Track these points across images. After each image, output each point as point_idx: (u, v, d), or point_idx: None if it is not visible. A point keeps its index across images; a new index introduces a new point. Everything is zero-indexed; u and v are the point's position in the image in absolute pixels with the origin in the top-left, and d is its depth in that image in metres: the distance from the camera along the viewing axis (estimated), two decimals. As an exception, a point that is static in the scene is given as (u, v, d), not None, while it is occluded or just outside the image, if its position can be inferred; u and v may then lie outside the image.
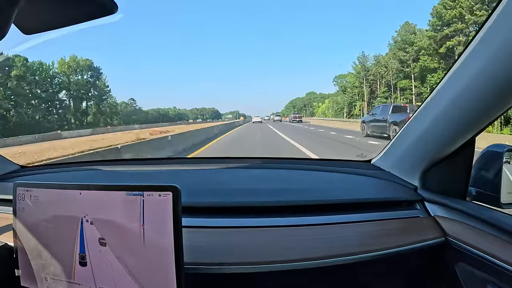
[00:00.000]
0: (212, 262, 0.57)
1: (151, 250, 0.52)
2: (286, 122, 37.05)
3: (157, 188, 0.52)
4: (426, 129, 0.68)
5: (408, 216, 0.72)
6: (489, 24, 0.51)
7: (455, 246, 0.61)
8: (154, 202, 0.52)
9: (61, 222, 0.58)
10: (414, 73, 31.39)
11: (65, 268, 0.57)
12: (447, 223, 0.66)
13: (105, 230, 0.55)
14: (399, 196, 0.75)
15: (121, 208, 0.53)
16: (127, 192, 0.53)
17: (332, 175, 0.91)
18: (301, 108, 76.16)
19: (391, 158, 0.85)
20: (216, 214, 0.71)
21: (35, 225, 0.60)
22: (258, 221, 0.68)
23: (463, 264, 0.61)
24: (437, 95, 0.65)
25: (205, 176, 0.97)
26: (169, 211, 0.51)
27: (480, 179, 0.69)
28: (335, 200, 0.74)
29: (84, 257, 0.56)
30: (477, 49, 0.54)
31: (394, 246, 0.61)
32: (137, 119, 53.43)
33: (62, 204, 0.58)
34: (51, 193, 0.59)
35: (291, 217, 0.69)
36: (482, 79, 0.53)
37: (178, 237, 0.51)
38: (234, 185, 0.87)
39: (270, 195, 0.77)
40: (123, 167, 1.08)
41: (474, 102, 0.56)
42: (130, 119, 52.16)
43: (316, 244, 0.62)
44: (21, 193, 0.62)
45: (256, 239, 0.63)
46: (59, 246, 0.58)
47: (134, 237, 0.53)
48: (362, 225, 0.69)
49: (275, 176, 0.94)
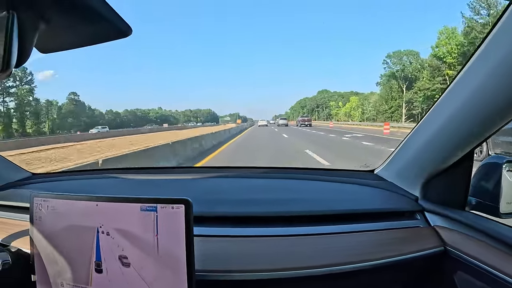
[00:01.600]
0: (222, 270, 0.60)
1: (164, 259, 0.55)
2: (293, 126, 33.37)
3: (170, 201, 0.55)
4: (427, 141, 0.70)
5: (408, 226, 0.74)
6: (489, 40, 0.52)
7: (454, 256, 0.63)
8: (167, 214, 0.55)
9: (78, 232, 0.60)
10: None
11: (82, 274, 0.60)
12: (446, 233, 0.68)
13: (121, 239, 0.57)
14: (400, 207, 0.77)
15: (136, 220, 0.56)
16: (142, 205, 0.56)
17: (336, 185, 0.93)
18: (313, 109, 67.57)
19: (393, 168, 0.87)
20: (226, 223, 0.74)
21: (52, 233, 0.63)
22: (265, 231, 0.71)
23: (462, 274, 0.62)
24: (438, 108, 0.67)
25: (214, 186, 1.00)
26: (181, 223, 0.54)
27: (480, 189, 0.71)
28: (338, 210, 0.77)
29: (100, 264, 0.59)
30: (476, 65, 0.56)
31: (394, 255, 0.63)
32: (90, 122, 42.22)
33: (78, 215, 0.60)
34: (68, 204, 0.62)
35: (296, 227, 0.72)
36: (480, 95, 0.55)
37: (190, 247, 0.54)
38: (242, 195, 0.89)
39: (276, 205, 0.80)
40: (135, 175, 1.11)
41: (473, 116, 0.58)
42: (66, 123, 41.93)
43: (319, 253, 0.64)
44: (38, 203, 0.65)
45: (264, 248, 0.66)
46: (75, 254, 0.61)
47: (148, 246, 0.56)
48: (363, 234, 0.71)
49: (280, 186, 0.97)
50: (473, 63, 0.56)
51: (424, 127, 0.71)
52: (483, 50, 0.54)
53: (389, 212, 0.77)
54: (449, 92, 0.63)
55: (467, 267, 0.60)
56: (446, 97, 0.64)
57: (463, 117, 0.60)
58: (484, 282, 0.58)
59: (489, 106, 0.55)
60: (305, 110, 70.95)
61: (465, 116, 0.60)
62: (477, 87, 0.56)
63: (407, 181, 0.81)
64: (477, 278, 0.59)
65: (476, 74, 0.56)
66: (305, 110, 70.28)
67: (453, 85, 0.62)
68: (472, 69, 0.57)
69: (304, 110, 71.60)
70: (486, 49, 0.53)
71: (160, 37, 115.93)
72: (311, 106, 71.05)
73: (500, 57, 0.50)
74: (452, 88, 0.62)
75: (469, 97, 0.58)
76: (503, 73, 0.50)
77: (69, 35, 0.50)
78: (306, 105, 73.51)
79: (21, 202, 0.87)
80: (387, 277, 0.68)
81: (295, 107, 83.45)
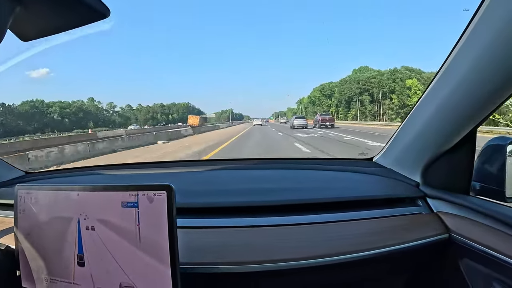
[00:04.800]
0: (207, 262, 0.57)
1: (147, 249, 0.52)
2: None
3: (152, 187, 0.52)
4: (424, 124, 0.67)
5: (410, 213, 0.70)
6: (481, 14, 0.49)
7: (459, 242, 0.60)
8: (149, 201, 0.52)
9: (60, 223, 0.58)
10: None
11: (64, 268, 0.58)
12: (450, 219, 0.64)
13: (102, 230, 0.55)
14: (400, 193, 0.74)
15: (117, 208, 0.54)
16: (122, 192, 0.54)
17: (334, 173, 0.90)
18: (349, 100, 42.41)
19: (392, 155, 0.83)
20: (212, 214, 0.71)
21: (35, 226, 0.61)
22: (255, 221, 0.68)
23: (468, 260, 0.59)
24: (432, 89, 0.63)
25: (201, 178, 0.97)
26: (163, 210, 0.52)
27: (484, 173, 0.67)
28: (336, 198, 0.73)
29: (82, 257, 0.56)
30: (470, 41, 0.53)
31: (397, 243, 0.60)
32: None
33: (60, 206, 0.58)
34: (49, 195, 0.60)
35: (291, 216, 0.69)
36: (476, 71, 0.52)
37: (173, 236, 0.51)
38: (230, 185, 0.86)
39: (268, 195, 0.76)
40: (121, 171, 1.09)
41: (469, 96, 0.55)
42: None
43: (317, 243, 0.61)
44: (22, 196, 0.63)
45: (252, 239, 0.63)
46: (58, 247, 0.59)
47: (130, 236, 0.53)
48: (363, 222, 0.68)
49: (273, 176, 0.93)
50: (466, 41, 0.53)
51: (420, 110, 0.68)
52: (474, 27, 0.51)
53: (389, 199, 0.74)
54: (443, 73, 0.60)
55: (473, 254, 0.57)
56: (440, 78, 0.61)
57: (459, 97, 0.57)
58: (491, 268, 0.54)
59: (485, 84, 0.52)
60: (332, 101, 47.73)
61: (461, 96, 0.57)
62: (471, 65, 0.53)
63: (407, 167, 0.77)
64: (484, 265, 0.55)
65: (469, 52, 0.53)
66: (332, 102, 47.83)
67: (447, 65, 0.59)
68: (466, 47, 0.54)
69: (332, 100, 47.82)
70: (477, 26, 0.50)
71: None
72: (346, 94, 43.63)
73: (493, 31, 0.48)
74: (447, 69, 0.59)
75: (464, 76, 0.55)
76: (498, 47, 0.48)
77: (48, 20, 0.49)
78: (335, 93, 47.27)
79: (10, 199, 0.85)
80: (391, 266, 0.64)
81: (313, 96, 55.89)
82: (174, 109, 70.60)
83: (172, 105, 71.59)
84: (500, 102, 0.54)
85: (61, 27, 0.50)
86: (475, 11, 0.50)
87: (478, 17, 0.50)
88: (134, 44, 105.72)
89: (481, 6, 0.49)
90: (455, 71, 0.57)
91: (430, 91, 0.65)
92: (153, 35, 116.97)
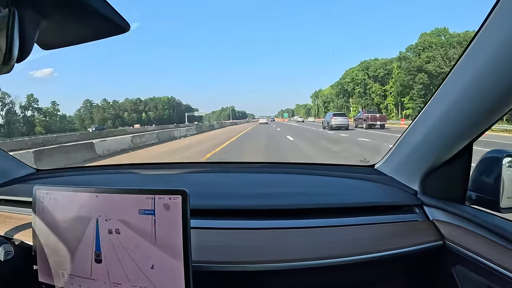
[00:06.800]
0: (218, 261, 0.61)
1: (162, 249, 0.56)
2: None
3: (168, 192, 0.56)
4: (425, 135, 0.70)
5: (407, 220, 0.74)
6: (485, 30, 0.51)
7: (453, 249, 0.63)
8: (165, 204, 0.56)
9: (78, 222, 0.62)
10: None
11: (82, 265, 0.61)
12: (445, 227, 0.67)
13: (120, 230, 0.58)
14: (399, 201, 0.77)
15: (134, 210, 0.57)
16: (140, 196, 0.57)
17: (336, 179, 0.94)
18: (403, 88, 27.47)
19: (393, 163, 0.87)
20: (224, 216, 0.75)
21: (53, 225, 0.64)
22: (263, 223, 0.72)
23: (461, 268, 0.62)
24: (435, 101, 0.66)
25: (214, 180, 1.01)
26: (178, 213, 0.55)
27: (480, 183, 0.70)
28: (337, 204, 0.77)
29: (99, 254, 0.60)
30: (471, 57, 0.55)
31: (392, 248, 0.63)
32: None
33: (79, 206, 0.62)
34: (69, 196, 0.63)
35: (295, 220, 0.73)
36: (473, 89, 0.55)
37: (187, 237, 0.55)
38: (241, 189, 0.90)
39: (275, 199, 0.80)
40: (136, 171, 1.13)
41: (469, 110, 0.58)
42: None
43: (317, 245, 0.65)
44: (41, 195, 0.66)
45: (260, 240, 0.67)
46: (76, 244, 0.62)
47: (146, 236, 0.56)
48: (362, 228, 0.71)
49: (280, 180, 0.97)
50: (468, 55, 0.55)
51: (422, 121, 0.71)
52: (479, 40, 0.53)
53: (388, 206, 0.77)
54: (444, 86, 0.63)
55: (466, 261, 0.60)
56: (442, 91, 0.64)
57: (459, 110, 0.60)
58: (483, 277, 0.57)
59: (485, 99, 0.55)
60: (390, 86, 31.30)
61: (461, 110, 0.60)
62: (468, 84, 0.56)
63: (406, 175, 0.80)
64: (476, 272, 0.58)
65: (470, 67, 0.55)
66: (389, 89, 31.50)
67: (449, 79, 0.62)
68: (467, 62, 0.56)
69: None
70: (480, 39, 0.52)
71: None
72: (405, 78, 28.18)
73: (495, 47, 0.49)
74: (448, 82, 0.62)
75: (464, 91, 0.57)
76: (497, 66, 0.50)
77: (69, 32, 0.52)
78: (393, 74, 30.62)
79: (24, 197, 0.89)
80: (386, 270, 0.68)
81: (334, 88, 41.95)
82: (151, 104, 49.10)
83: (150, 100, 49.85)
84: (496, 120, 0.57)
85: (82, 39, 0.53)
86: (478, 28, 0.52)
87: (480, 34, 0.52)
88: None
89: (484, 23, 0.50)
90: (453, 88, 0.60)
91: (430, 104, 0.68)
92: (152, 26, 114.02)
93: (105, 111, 47.07)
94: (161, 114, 48.66)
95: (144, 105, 49.00)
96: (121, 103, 48.79)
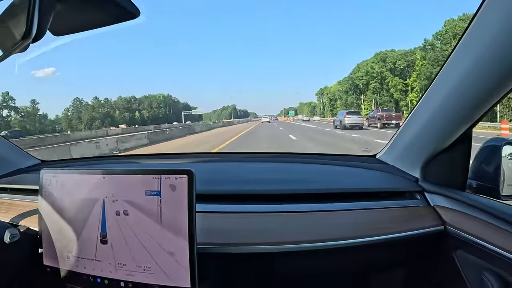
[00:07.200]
0: (223, 243, 0.62)
1: (167, 229, 0.57)
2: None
3: (174, 172, 0.57)
4: (425, 123, 0.72)
5: (408, 206, 0.75)
6: (480, 17, 0.52)
7: (454, 234, 0.64)
8: (171, 185, 0.57)
9: (85, 204, 0.63)
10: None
11: (88, 246, 0.62)
12: (446, 213, 0.68)
13: (125, 210, 0.59)
14: (400, 187, 0.79)
15: (140, 191, 0.58)
16: (147, 176, 0.58)
17: (338, 168, 0.95)
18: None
19: (394, 152, 0.88)
20: (228, 201, 0.76)
21: (60, 207, 0.65)
22: (267, 207, 0.73)
23: (461, 252, 0.63)
24: (434, 89, 0.68)
25: (220, 168, 1.03)
26: (184, 194, 0.56)
27: (480, 172, 0.71)
28: (340, 189, 0.78)
29: (105, 235, 0.61)
30: (468, 44, 0.56)
31: (393, 232, 0.65)
32: None
33: (86, 188, 0.63)
34: (76, 178, 0.65)
35: (298, 204, 0.74)
36: (472, 75, 0.56)
37: (192, 217, 0.56)
38: (246, 175, 0.92)
39: (279, 184, 0.82)
40: (141, 161, 1.14)
41: (467, 95, 0.59)
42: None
43: (320, 229, 0.66)
44: (48, 179, 0.68)
45: (265, 223, 0.68)
46: (82, 226, 0.63)
47: (152, 216, 0.57)
48: (364, 212, 0.73)
49: (284, 168, 0.99)
50: (464, 42, 0.57)
51: (421, 109, 0.73)
52: (474, 28, 0.54)
53: (389, 192, 0.79)
54: (442, 75, 0.65)
55: (467, 246, 0.61)
56: (439, 81, 0.66)
57: (458, 96, 0.62)
58: (484, 260, 0.58)
59: (479, 88, 0.56)
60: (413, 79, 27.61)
61: (460, 96, 0.61)
62: (466, 71, 0.57)
63: (408, 163, 0.82)
64: (477, 256, 0.59)
65: (464, 58, 0.57)
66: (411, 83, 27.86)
67: (447, 66, 0.63)
68: (464, 49, 0.58)
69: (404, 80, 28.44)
70: (477, 26, 0.54)
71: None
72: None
73: (491, 34, 0.51)
74: (444, 72, 0.64)
75: (460, 80, 0.59)
76: (495, 51, 0.51)
77: (81, 17, 0.54)
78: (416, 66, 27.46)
79: (30, 185, 0.90)
80: (388, 254, 0.69)
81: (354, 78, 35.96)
82: (146, 103, 46.02)
83: (144, 98, 47.12)
84: (493, 104, 0.58)
85: (93, 25, 0.55)
86: (474, 14, 0.54)
87: (475, 21, 0.53)
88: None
89: (478, 10, 0.52)
90: (452, 75, 0.61)
91: (429, 93, 0.69)
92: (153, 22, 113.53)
93: (94, 109, 44.23)
94: (156, 113, 46.49)
95: (139, 103, 46.62)
96: (114, 101, 46.47)
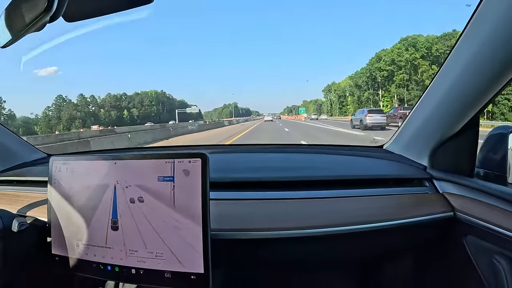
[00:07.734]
0: (236, 228, 0.62)
1: (180, 213, 0.56)
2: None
3: (187, 155, 0.57)
4: (431, 111, 0.73)
5: (417, 193, 0.76)
6: (482, 5, 0.53)
7: (464, 220, 0.64)
8: (184, 170, 0.57)
9: (96, 190, 0.62)
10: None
11: (98, 233, 0.61)
12: (455, 199, 0.69)
13: (138, 195, 0.59)
14: (409, 174, 0.80)
15: (153, 175, 0.58)
16: (160, 161, 0.58)
17: (347, 157, 0.97)
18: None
19: (401, 142, 0.90)
20: (238, 188, 0.77)
21: (70, 195, 0.65)
22: (280, 194, 0.74)
23: (471, 237, 0.63)
24: (439, 78, 0.69)
25: (230, 158, 1.04)
26: (198, 178, 0.56)
27: (487, 160, 0.72)
28: (350, 176, 0.80)
29: (116, 221, 0.60)
30: (472, 32, 0.58)
31: (403, 217, 0.65)
32: None
33: (97, 174, 0.62)
34: (86, 165, 0.64)
35: (309, 191, 0.75)
36: (476, 62, 0.58)
37: (206, 202, 0.55)
38: (257, 164, 0.94)
39: (290, 171, 0.84)
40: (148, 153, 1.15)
41: (473, 82, 0.61)
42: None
43: (331, 214, 0.67)
44: (57, 166, 0.67)
45: (274, 210, 0.69)
46: (92, 213, 0.62)
47: (165, 201, 0.57)
48: (374, 198, 0.73)
49: (294, 158, 1.01)
50: (469, 31, 0.58)
51: (428, 98, 0.74)
52: (475, 19, 0.56)
53: (398, 179, 0.79)
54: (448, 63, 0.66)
55: (477, 231, 0.61)
56: (445, 69, 0.67)
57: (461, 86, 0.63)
58: (495, 244, 0.58)
59: (484, 74, 0.58)
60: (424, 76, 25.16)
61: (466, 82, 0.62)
62: (472, 57, 0.58)
63: (415, 152, 0.83)
64: (486, 240, 0.60)
65: (469, 46, 0.58)
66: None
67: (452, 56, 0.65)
68: (468, 37, 0.59)
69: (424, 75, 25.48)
70: (478, 18, 0.55)
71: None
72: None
73: (495, 21, 0.52)
74: (451, 60, 0.65)
75: (466, 67, 0.60)
76: (498, 39, 0.52)
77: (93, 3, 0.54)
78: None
79: (37, 177, 0.89)
80: (398, 239, 0.70)
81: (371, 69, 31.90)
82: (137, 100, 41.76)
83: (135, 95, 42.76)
84: (498, 90, 0.59)
85: (105, 10, 0.55)
86: (478, 3, 0.55)
87: (479, 9, 0.55)
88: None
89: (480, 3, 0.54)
90: (458, 62, 0.63)
91: (435, 82, 0.71)
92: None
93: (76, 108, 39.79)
94: (148, 111, 42.58)
95: (129, 100, 42.31)
96: (102, 99, 42.13)
